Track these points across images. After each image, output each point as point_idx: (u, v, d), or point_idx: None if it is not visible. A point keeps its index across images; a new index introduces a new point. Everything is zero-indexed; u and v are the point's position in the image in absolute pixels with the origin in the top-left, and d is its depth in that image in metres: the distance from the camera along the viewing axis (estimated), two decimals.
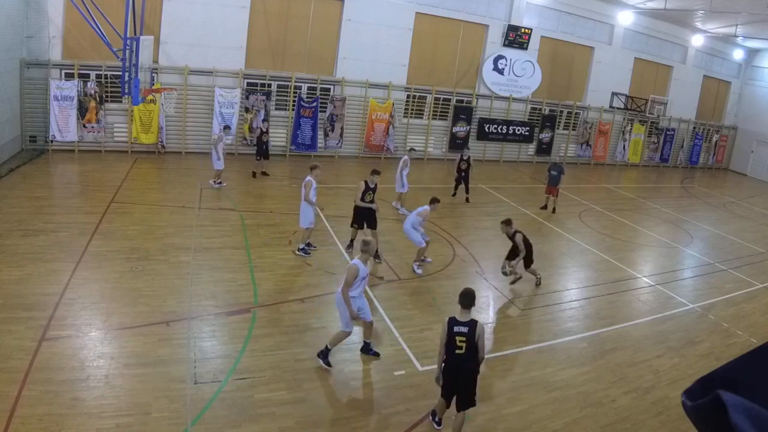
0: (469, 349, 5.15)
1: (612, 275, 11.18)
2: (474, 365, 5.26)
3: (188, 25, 16.18)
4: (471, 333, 5.15)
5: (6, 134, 13.70)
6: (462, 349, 5.15)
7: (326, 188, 15.15)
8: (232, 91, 17.09)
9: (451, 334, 5.17)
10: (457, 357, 5.18)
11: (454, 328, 5.17)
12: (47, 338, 6.43)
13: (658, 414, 6.58)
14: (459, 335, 5.14)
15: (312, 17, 18.08)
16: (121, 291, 7.86)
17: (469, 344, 5.14)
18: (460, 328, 5.17)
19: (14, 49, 13.90)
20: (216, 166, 13.63)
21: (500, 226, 9.57)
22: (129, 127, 16.15)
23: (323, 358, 6.63)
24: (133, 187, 13.03)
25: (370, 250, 6.58)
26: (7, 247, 8.75)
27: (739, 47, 27.95)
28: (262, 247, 10.21)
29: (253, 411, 5.70)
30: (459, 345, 5.14)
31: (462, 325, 5.18)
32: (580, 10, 22.66)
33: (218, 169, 13.67)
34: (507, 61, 21.58)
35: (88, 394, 5.58)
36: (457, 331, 5.16)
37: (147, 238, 9.91)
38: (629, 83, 25.16)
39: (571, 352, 7.83)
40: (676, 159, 27.93)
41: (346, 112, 18.86)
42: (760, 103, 28.42)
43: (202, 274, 8.75)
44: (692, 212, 18.38)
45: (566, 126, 24.27)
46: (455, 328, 5.18)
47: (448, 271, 10.32)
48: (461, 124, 21.24)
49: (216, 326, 7.34)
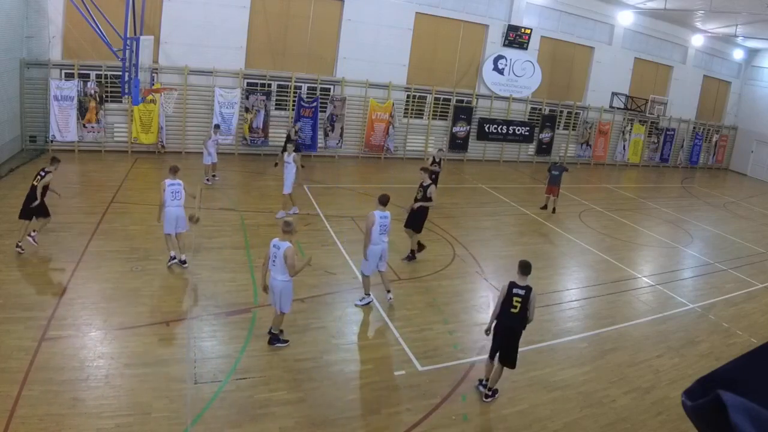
0: (522, 310, 6.07)
1: (612, 275, 11.18)
2: (522, 325, 6.18)
3: (188, 25, 16.18)
4: (526, 296, 6.07)
5: (6, 134, 13.70)
6: (516, 309, 6.08)
7: (326, 188, 15.16)
8: (232, 91, 17.09)
9: (510, 294, 6.08)
10: (511, 315, 6.11)
11: (513, 290, 6.09)
12: (47, 338, 6.43)
13: (658, 414, 6.58)
14: (516, 296, 6.06)
15: (312, 17, 18.08)
16: (121, 291, 7.85)
17: (522, 305, 6.06)
18: (518, 290, 6.08)
19: (14, 49, 13.90)
20: (204, 161, 13.86)
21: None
22: (129, 127, 16.15)
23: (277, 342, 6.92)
24: (133, 187, 13.03)
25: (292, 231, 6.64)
26: (7, 247, 8.74)
27: (739, 47, 27.95)
28: (262, 247, 10.18)
29: (253, 411, 5.70)
30: (515, 305, 6.07)
31: (520, 288, 6.09)
32: (580, 10, 22.66)
33: (206, 164, 13.89)
34: (507, 61, 21.58)
35: (88, 394, 5.58)
36: (515, 293, 6.07)
37: (147, 238, 9.90)
38: (629, 83, 25.16)
39: (571, 352, 7.83)
40: (676, 159, 27.93)
41: (346, 112, 18.86)
42: (760, 103, 28.41)
43: (202, 274, 8.76)
44: (692, 212, 18.39)
45: (566, 126, 24.27)
46: (514, 290, 6.09)
47: (448, 271, 10.32)
48: (461, 124, 21.24)
49: (216, 326, 7.34)
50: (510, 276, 6.26)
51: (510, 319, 6.15)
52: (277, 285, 6.66)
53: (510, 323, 6.17)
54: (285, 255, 6.46)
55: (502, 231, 13.40)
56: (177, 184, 8.80)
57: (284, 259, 6.45)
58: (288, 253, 6.46)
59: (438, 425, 5.88)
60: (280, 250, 6.48)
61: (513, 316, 6.12)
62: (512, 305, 6.08)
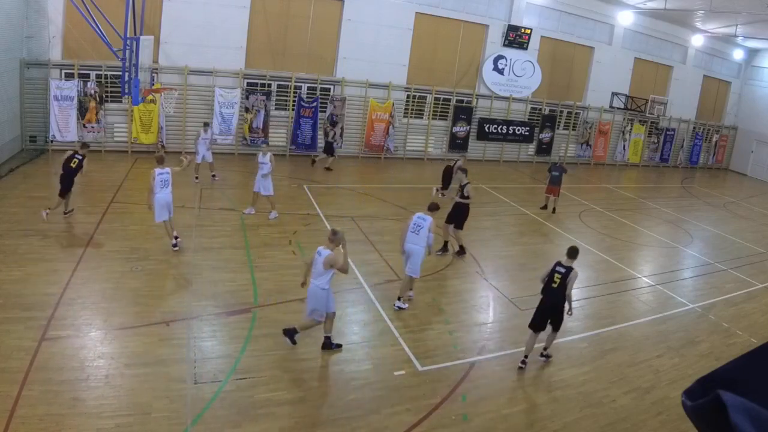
0: (560, 286, 6.90)
1: (612, 275, 11.18)
2: (561, 299, 6.96)
3: (188, 25, 16.17)
4: (566, 274, 6.90)
5: (6, 134, 13.70)
6: (556, 284, 6.94)
7: (326, 188, 15.16)
8: (232, 91, 17.09)
9: (553, 271, 7.00)
10: (552, 289, 6.98)
11: (556, 268, 7.00)
12: (47, 338, 6.43)
13: (658, 414, 6.58)
14: (557, 273, 6.96)
15: (312, 17, 18.07)
16: (121, 291, 7.85)
17: (561, 282, 6.90)
18: (560, 269, 6.97)
19: (14, 49, 13.89)
20: (196, 159, 13.89)
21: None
22: (129, 127, 16.15)
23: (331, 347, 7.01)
24: (133, 187, 13.03)
25: (336, 241, 6.75)
26: (7, 247, 8.75)
27: (739, 47, 27.94)
28: (262, 247, 10.21)
29: (253, 411, 5.70)
30: (555, 280, 6.95)
31: (562, 267, 6.98)
32: (580, 10, 22.65)
33: (197, 162, 13.91)
34: (507, 61, 21.58)
35: (88, 394, 5.58)
36: (557, 270, 6.98)
37: (147, 238, 9.90)
38: (629, 83, 25.15)
39: (571, 352, 7.84)
40: (676, 159, 27.92)
41: (346, 112, 18.85)
42: (760, 103, 28.40)
43: (202, 274, 8.75)
44: (692, 212, 18.38)
45: (566, 126, 24.26)
46: (557, 268, 7.00)
47: (448, 271, 10.32)
48: (461, 124, 21.23)
49: (216, 326, 7.34)
50: (510, 276, 6.35)
51: (551, 292, 7.00)
52: (313, 290, 6.77)
53: (550, 297, 7.01)
54: (324, 262, 6.55)
55: (502, 231, 13.40)
56: (166, 172, 9.33)
57: (323, 266, 6.55)
58: (327, 260, 6.54)
59: (438, 425, 5.88)
60: (321, 257, 6.61)
61: (553, 290, 6.96)
62: (553, 281, 6.95)
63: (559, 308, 7.02)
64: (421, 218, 8.44)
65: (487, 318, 8.64)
